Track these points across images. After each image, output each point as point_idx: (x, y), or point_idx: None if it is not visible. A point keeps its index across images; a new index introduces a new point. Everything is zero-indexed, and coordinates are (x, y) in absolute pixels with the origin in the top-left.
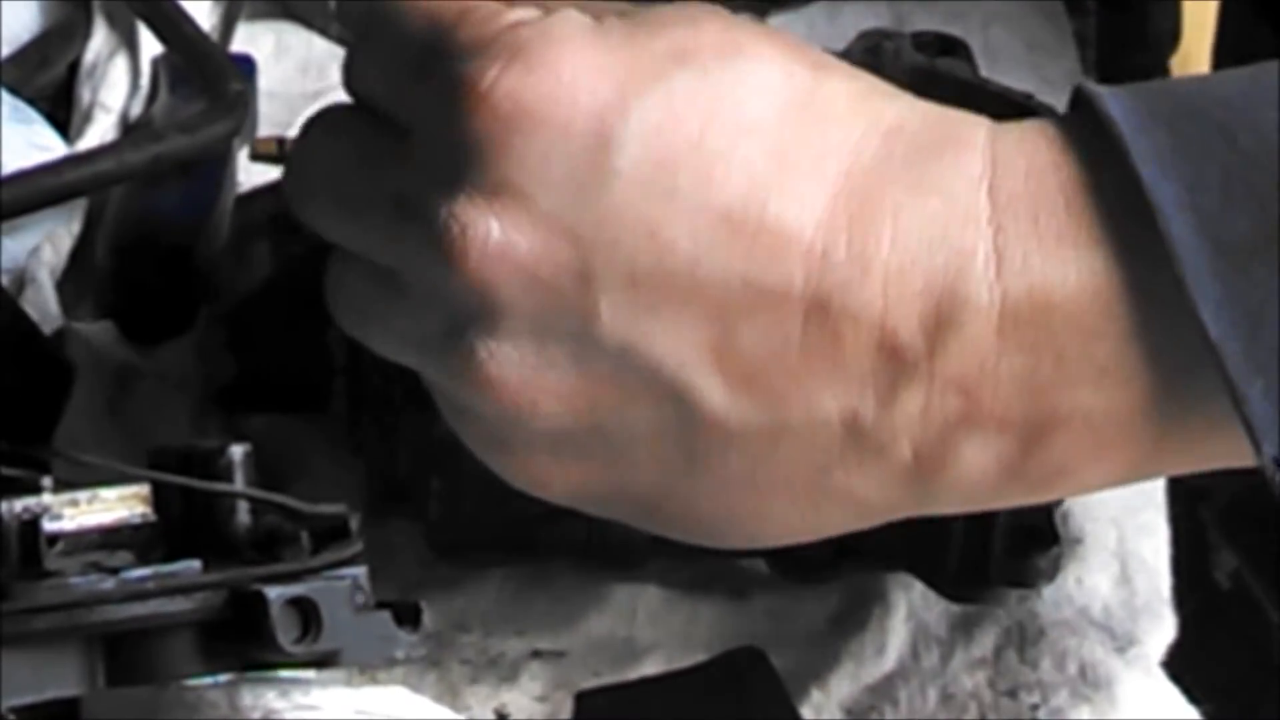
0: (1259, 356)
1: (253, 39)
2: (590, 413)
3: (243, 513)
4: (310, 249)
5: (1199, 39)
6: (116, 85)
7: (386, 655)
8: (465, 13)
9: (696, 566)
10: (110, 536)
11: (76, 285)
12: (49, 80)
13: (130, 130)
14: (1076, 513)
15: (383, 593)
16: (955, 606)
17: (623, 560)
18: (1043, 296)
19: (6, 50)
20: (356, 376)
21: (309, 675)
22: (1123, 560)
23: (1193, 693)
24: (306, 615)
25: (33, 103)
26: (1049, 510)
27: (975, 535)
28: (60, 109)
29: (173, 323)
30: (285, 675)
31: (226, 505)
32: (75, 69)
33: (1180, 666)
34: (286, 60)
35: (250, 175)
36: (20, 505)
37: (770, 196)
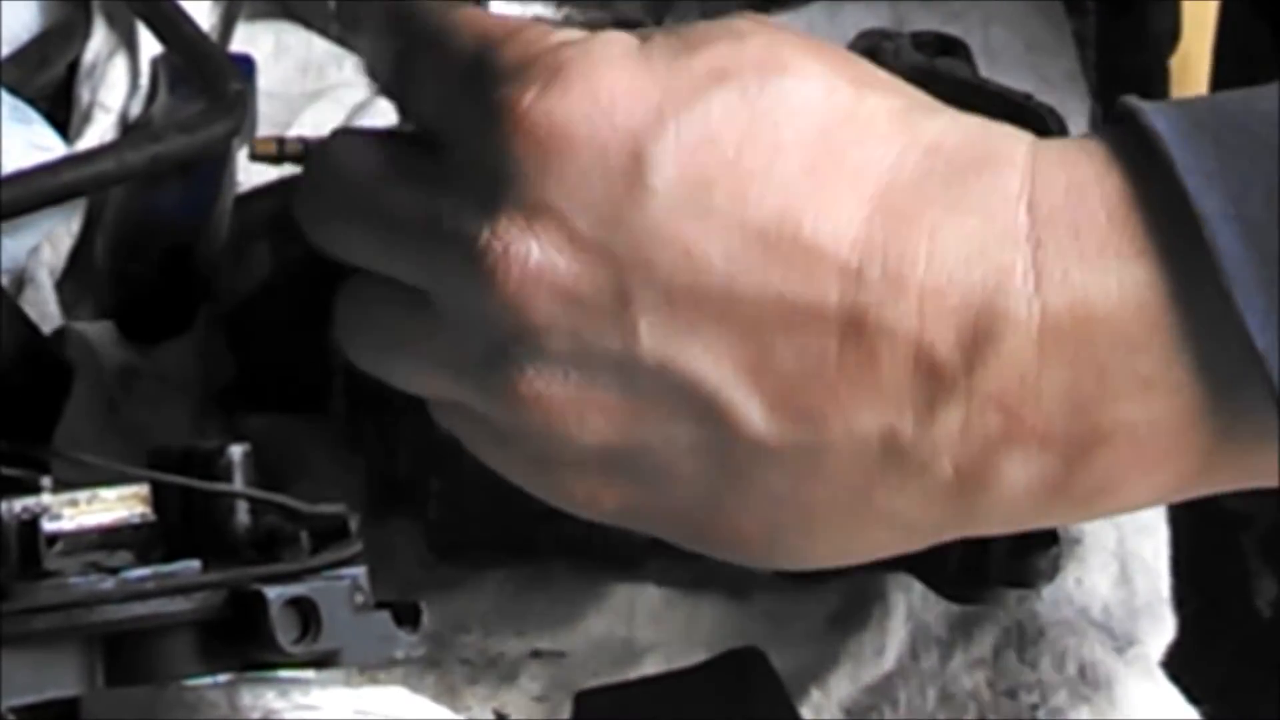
0: None
1: (252, 39)
2: (635, 428)
3: (242, 513)
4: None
5: (1199, 39)
6: (116, 85)
7: (386, 655)
8: (513, 33)
9: (696, 566)
10: (110, 536)
11: (76, 285)
12: (48, 80)
13: (130, 130)
14: None
15: (382, 593)
16: (955, 606)
17: (622, 560)
18: (1084, 310)
19: (6, 50)
20: (356, 376)
21: (309, 675)
22: (1122, 560)
23: (1192, 693)
24: (306, 615)
25: (32, 103)
26: None
27: (975, 536)
28: (60, 109)
29: (173, 323)
30: (285, 675)
31: (226, 505)
32: (75, 69)
33: (1180, 666)
34: (286, 60)
35: (250, 175)
36: (20, 505)
37: (806, 214)
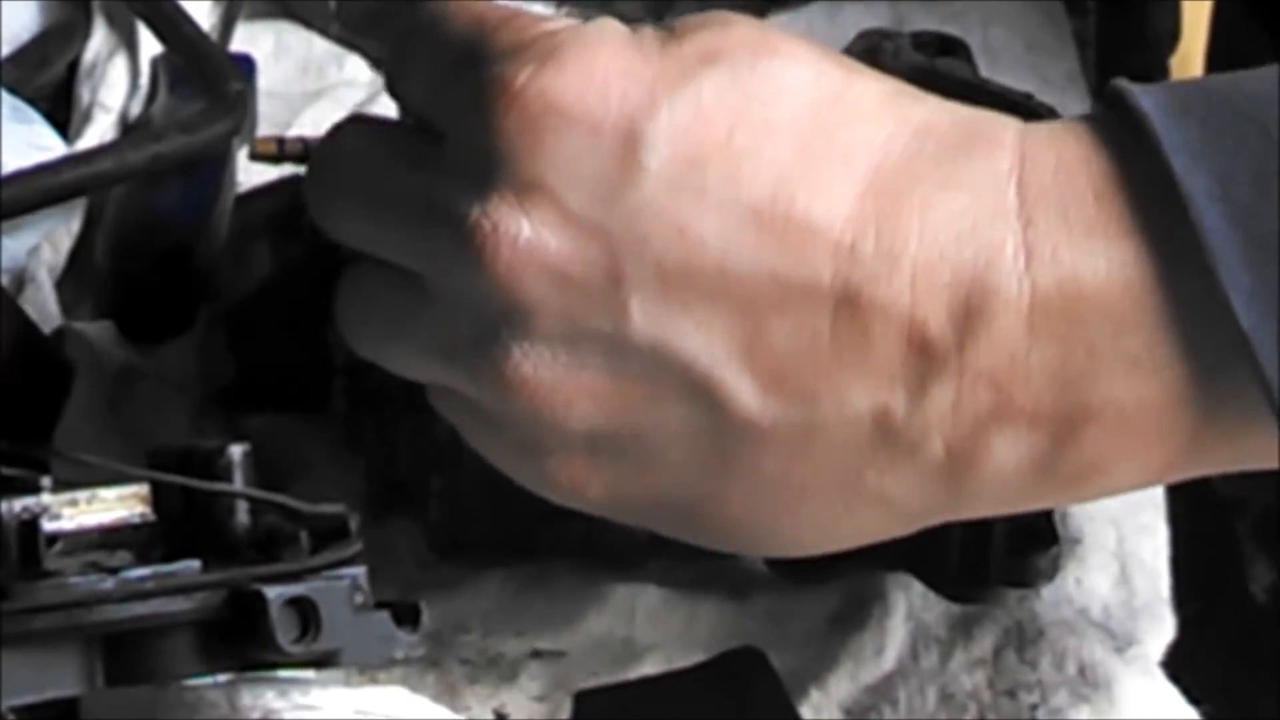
0: None
1: (252, 39)
2: (624, 412)
3: (242, 513)
4: (310, 249)
5: (1198, 39)
6: (116, 85)
7: (386, 655)
8: (507, 18)
9: (696, 566)
10: (109, 536)
11: (76, 285)
12: (48, 80)
13: (130, 130)
14: (1076, 513)
15: (382, 593)
16: (955, 606)
17: (622, 560)
18: (1073, 288)
19: (6, 50)
20: (356, 376)
21: (308, 675)
22: (1122, 560)
23: (1192, 693)
24: (306, 615)
25: (32, 102)
26: (1048, 510)
27: (974, 535)
28: (60, 109)
29: (173, 323)
30: (284, 675)
31: (226, 505)
32: (75, 68)
33: (1180, 666)
34: (286, 60)
35: (250, 175)
36: (20, 505)
37: (798, 193)
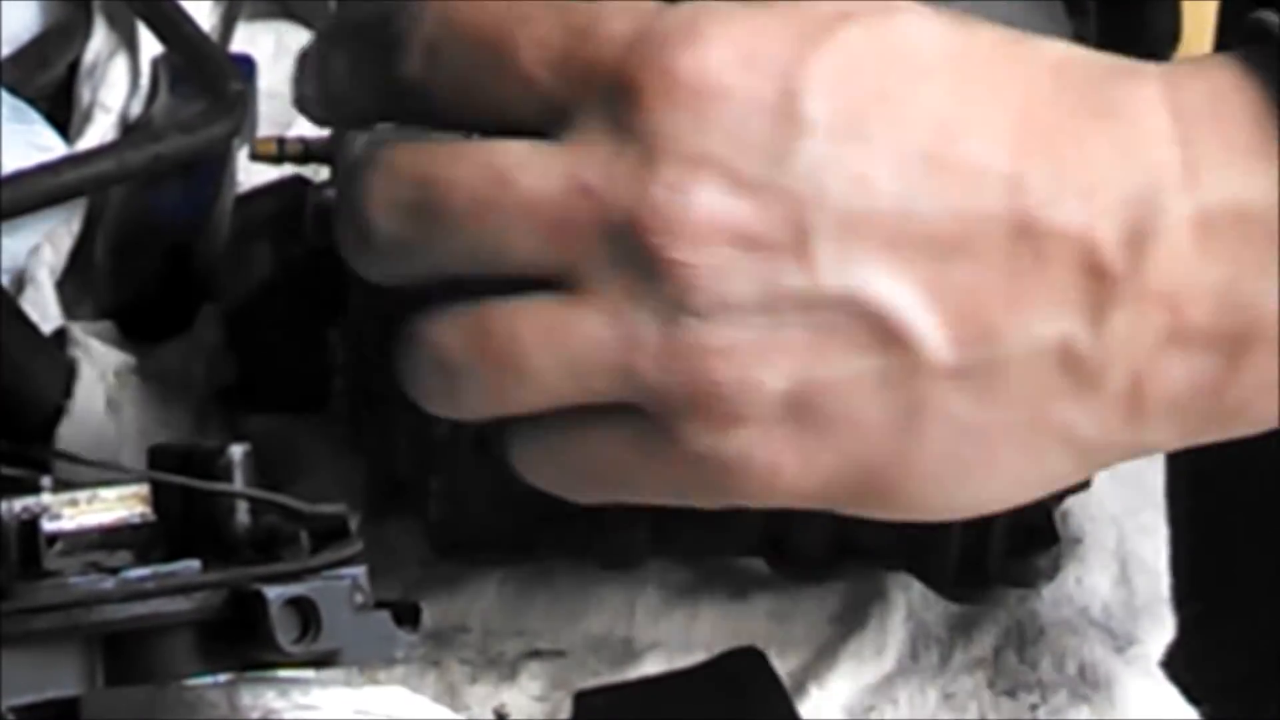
0: None
1: (253, 39)
2: (819, 369)
3: (242, 513)
4: (310, 249)
5: (1199, 39)
6: (116, 85)
7: (386, 655)
8: (601, 10)
9: (696, 566)
10: (110, 536)
11: (76, 285)
12: (49, 80)
13: (130, 130)
14: (1076, 513)
15: (382, 592)
16: (955, 606)
17: (622, 560)
18: (1239, 207)
19: (6, 50)
20: (356, 376)
21: (308, 675)
22: (1122, 560)
23: (1192, 693)
24: (306, 615)
25: (32, 102)
26: (1048, 510)
27: (974, 535)
28: (60, 109)
29: (173, 323)
30: (285, 675)
31: (226, 505)
32: (75, 69)
33: (1180, 666)
34: (286, 60)
35: (250, 175)
36: (20, 505)
37: (959, 132)
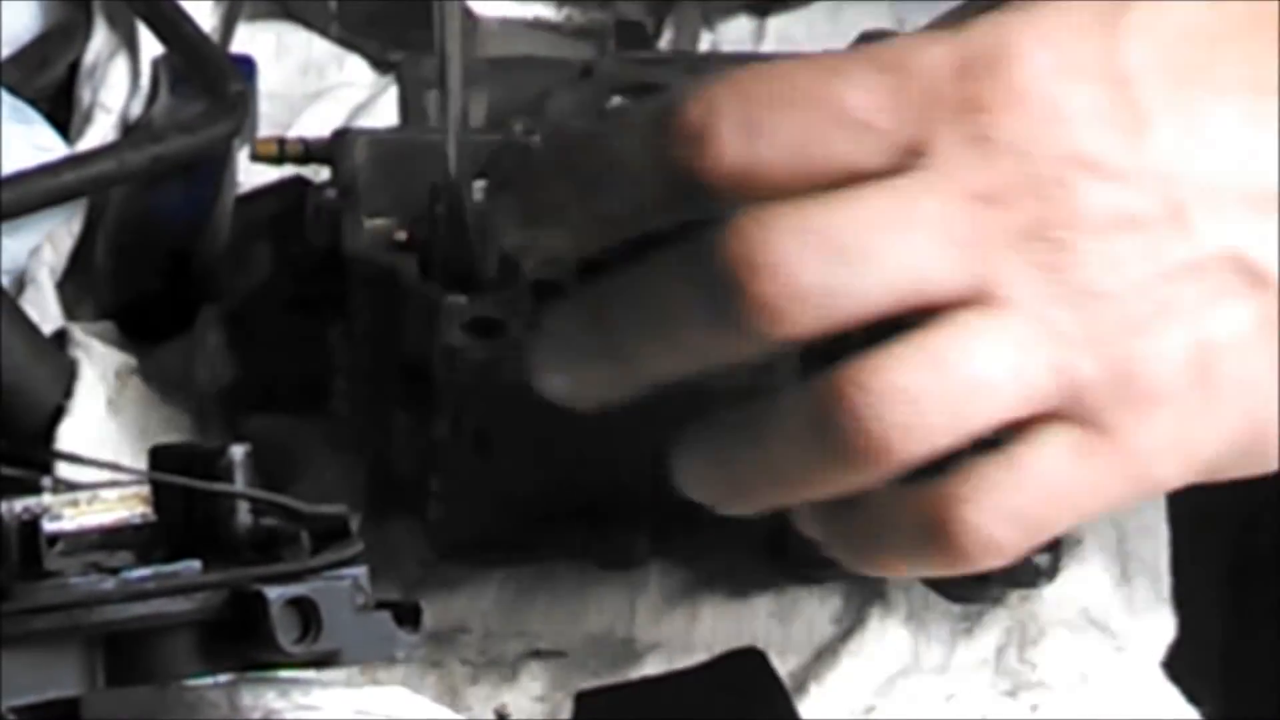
0: None
1: (253, 39)
2: (1211, 325)
3: (243, 513)
4: (310, 249)
5: None
6: (116, 86)
7: (386, 655)
8: (901, 47)
9: (697, 567)
10: (110, 537)
11: (77, 285)
12: (49, 80)
13: (130, 131)
14: None
15: (383, 593)
16: (955, 606)
17: (623, 560)
18: None
19: (6, 50)
20: (356, 376)
21: (309, 675)
22: (1123, 560)
23: (1192, 693)
24: (306, 615)
25: (33, 103)
26: None
27: None
28: (60, 109)
29: (173, 323)
30: (285, 675)
31: (226, 505)
32: (75, 69)
33: (1180, 666)
34: (287, 61)
35: (250, 176)
36: (20, 505)
37: (1267, 87)
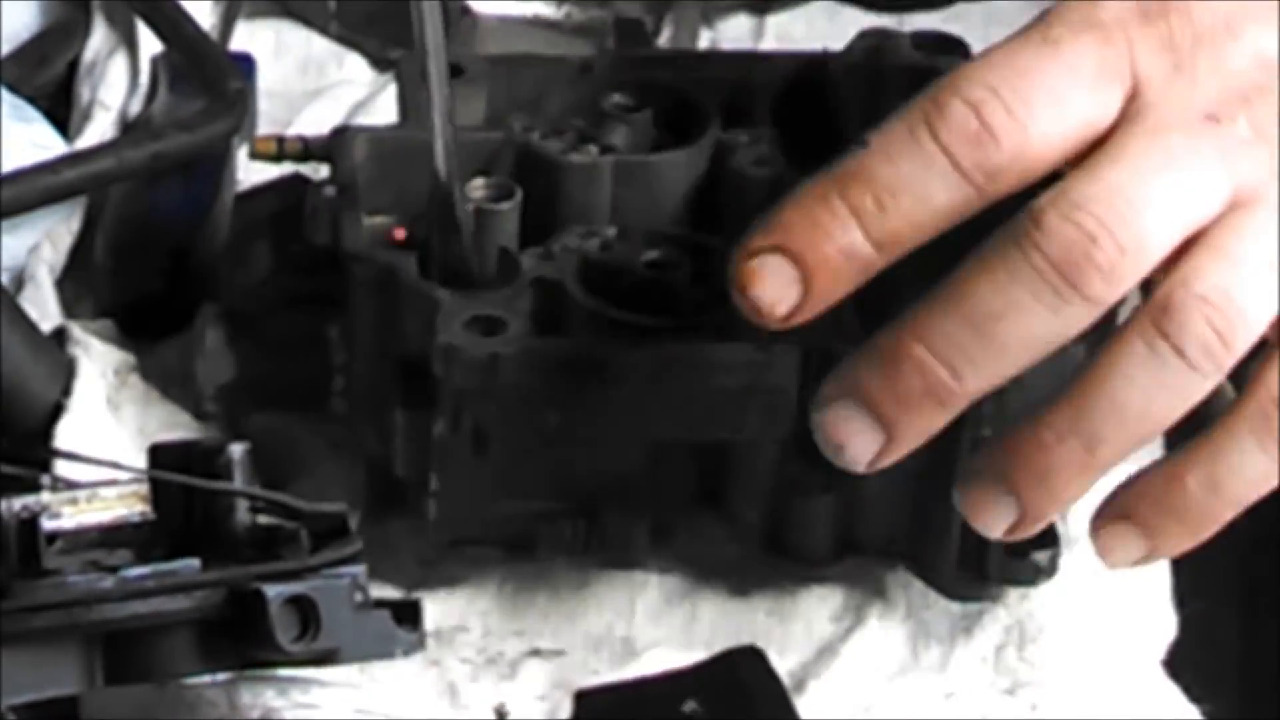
0: None
1: (252, 37)
2: None
3: (242, 511)
4: (310, 248)
5: None
6: (116, 83)
7: (385, 654)
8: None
9: (696, 566)
10: (109, 535)
11: (76, 283)
12: (48, 78)
13: (130, 128)
14: (1076, 512)
15: (382, 591)
16: (955, 605)
17: (622, 559)
18: None
19: (6, 48)
20: (356, 375)
21: (308, 674)
22: None
23: (1192, 693)
24: (305, 614)
25: (32, 101)
26: None
27: (974, 533)
28: (60, 107)
29: (172, 321)
30: (284, 674)
31: (226, 504)
32: (75, 67)
33: (1180, 666)
34: (286, 59)
35: (250, 174)
36: (19, 504)
37: None
